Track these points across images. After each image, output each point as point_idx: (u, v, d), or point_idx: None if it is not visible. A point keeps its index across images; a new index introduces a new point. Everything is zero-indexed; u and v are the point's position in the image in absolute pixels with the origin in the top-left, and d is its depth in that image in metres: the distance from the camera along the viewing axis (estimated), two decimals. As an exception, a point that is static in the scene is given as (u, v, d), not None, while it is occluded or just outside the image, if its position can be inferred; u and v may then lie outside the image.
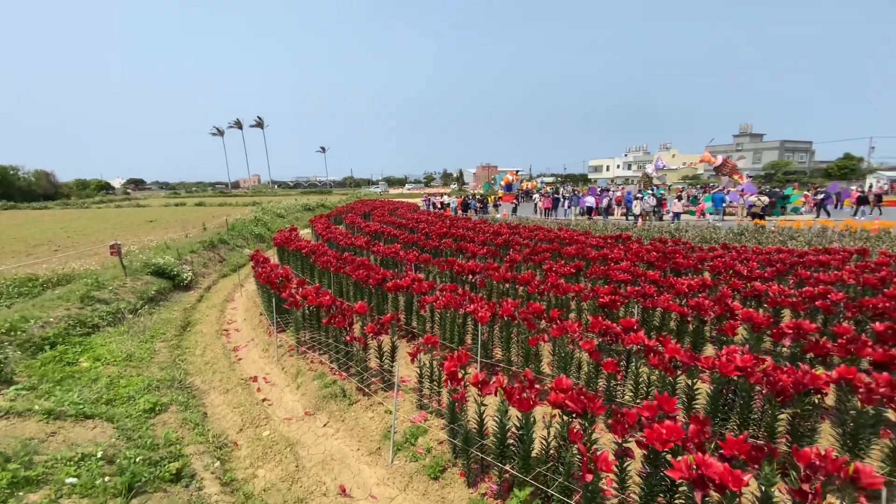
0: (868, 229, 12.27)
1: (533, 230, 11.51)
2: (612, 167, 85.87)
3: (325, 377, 4.95)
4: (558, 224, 15.20)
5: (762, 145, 68.57)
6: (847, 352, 3.48)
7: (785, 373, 2.91)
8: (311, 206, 29.92)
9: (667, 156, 69.34)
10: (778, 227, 13.07)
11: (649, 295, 4.85)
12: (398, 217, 17.81)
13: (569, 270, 6.59)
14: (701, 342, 4.69)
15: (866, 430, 2.88)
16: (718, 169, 25.04)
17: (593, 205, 21.09)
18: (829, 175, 52.32)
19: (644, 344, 3.51)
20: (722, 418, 3.17)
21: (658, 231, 13.04)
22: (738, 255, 7.33)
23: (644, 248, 8.18)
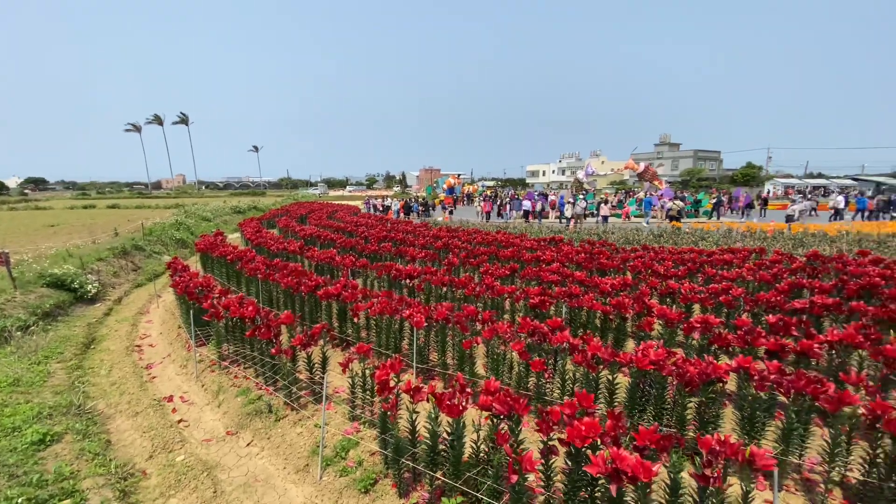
0: (766, 230, 13.83)
1: (472, 233, 11.68)
2: (548, 172, 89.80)
3: (249, 393, 4.63)
4: (497, 227, 15.57)
5: (679, 154, 75.12)
6: (745, 342, 3.84)
7: (692, 364, 3.14)
8: (241, 209, 28.22)
9: (596, 162, 73.80)
10: (691, 229, 14.34)
11: (575, 295, 5.07)
12: (337, 220, 17.30)
13: (504, 272, 6.74)
14: (623, 338, 4.99)
15: (762, 414, 3.19)
16: (641, 175, 27.06)
17: (529, 208, 21.92)
18: (735, 181, 58.46)
19: (569, 342, 3.64)
20: (640, 410, 3.36)
21: (587, 233, 13.77)
22: (655, 255, 7.92)
23: (574, 250, 8.58)
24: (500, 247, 9.53)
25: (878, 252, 9.48)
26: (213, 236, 10.62)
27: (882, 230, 13.74)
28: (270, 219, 18.65)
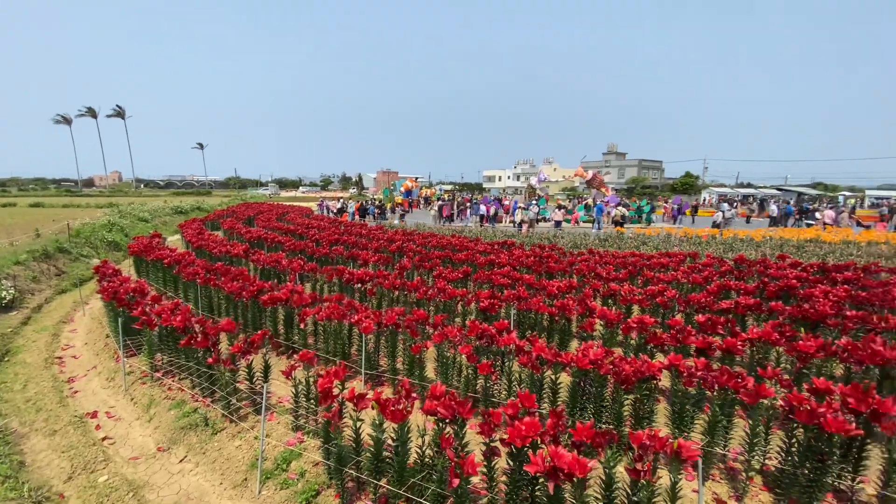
0: (700, 235, 14.84)
1: (427, 237, 11.68)
2: (504, 178, 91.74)
3: (184, 405, 4.35)
4: (453, 231, 15.67)
5: (625, 163, 79.21)
6: (677, 341, 4.09)
7: (628, 363, 3.30)
8: (183, 209, 26.61)
9: (549, 169, 76.26)
10: (634, 234, 15.13)
11: (523, 298, 5.19)
12: (287, 223, 16.72)
13: (457, 276, 6.78)
14: (568, 338, 5.16)
15: (691, 408, 3.40)
16: (589, 182, 28.26)
17: (484, 212, 22.31)
18: (675, 190, 62.42)
19: (516, 344, 3.71)
20: (581, 408, 3.48)
21: (539, 237, 14.18)
22: (600, 259, 8.27)
23: (525, 254, 8.79)
24: (455, 251, 9.59)
25: (797, 256, 10.44)
26: (150, 238, 9.92)
27: (801, 236, 15.15)
28: (215, 220, 17.72)
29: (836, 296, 5.48)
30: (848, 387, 2.87)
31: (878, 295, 5.56)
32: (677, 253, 8.99)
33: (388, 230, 13.93)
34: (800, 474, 2.87)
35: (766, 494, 3.06)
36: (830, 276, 6.88)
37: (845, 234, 15.97)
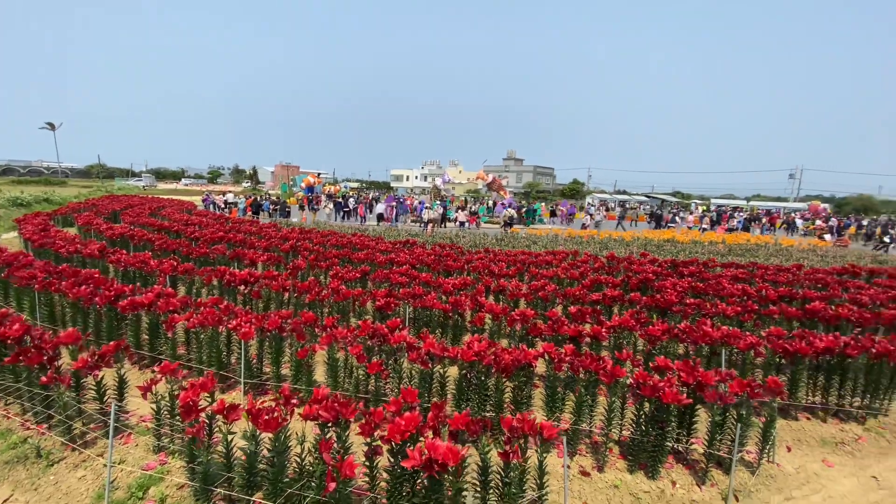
0: (582, 235, 16.48)
1: (326, 235, 11.23)
2: (412, 177, 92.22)
3: (10, 435, 3.60)
4: (355, 230, 15.30)
5: (522, 168, 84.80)
6: (553, 330, 4.47)
7: (508, 353, 3.52)
8: (24, 201, 22.10)
9: (454, 171, 78.56)
10: (527, 234, 16.28)
11: (419, 295, 5.26)
12: (162, 219, 14.81)
13: (354, 276, 6.62)
14: (461, 333, 5.36)
15: (562, 391, 3.74)
16: (490, 185, 29.74)
17: (383, 212, 22.18)
18: (564, 195, 68.53)
19: (406, 342, 3.74)
20: (466, 399, 3.62)
21: (441, 237, 14.52)
22: (494, 257, 8.74)
23: (426, 253, 8.93)
24: (355, 249, 9.36)
25: (656, 254, 12.13)
26: (-31, 235, 8.03)
27: (661, 237, 17.64)
28: (68, 214, 15.02)
29: (681, 287, 6.48)
30: (678, 363, 3.41)
31: (711, 285, 6.70)
32: (561, 251, 9.87)
33: (282, 228, 13.09)
34: (646, 441, 3.34)
35: (622, 462, 3.49)
36: (679, 271, 8.12)
37: (694, 235, 19.02)
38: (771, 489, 3.38)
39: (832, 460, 3.79)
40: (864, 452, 3.94)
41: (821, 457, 3.83)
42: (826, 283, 7.28)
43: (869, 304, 5.98)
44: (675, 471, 3.41)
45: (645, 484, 3.26)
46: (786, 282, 7.39)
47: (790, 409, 4.35)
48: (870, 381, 4.28)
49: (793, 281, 7.46)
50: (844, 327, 5.27)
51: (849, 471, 3.68)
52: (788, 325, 5.55)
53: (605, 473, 3.34)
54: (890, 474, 3.66)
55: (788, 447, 3.91)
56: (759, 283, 7.26)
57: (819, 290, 6.89)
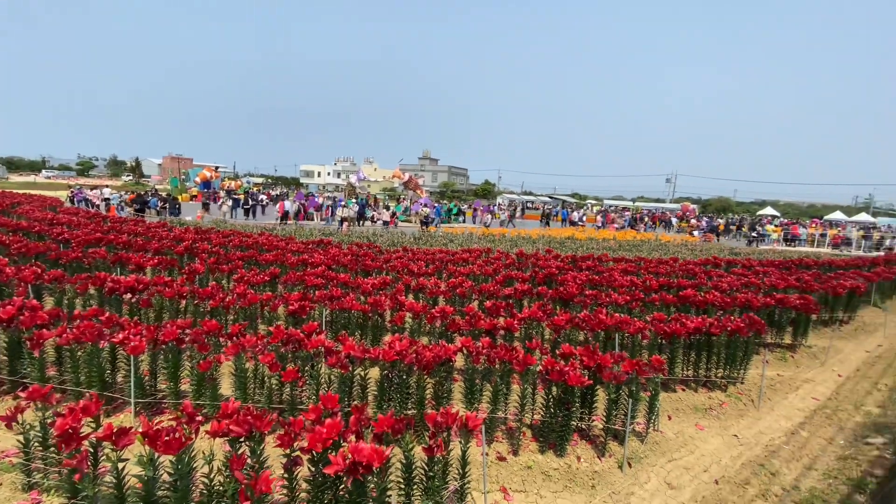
0: (495, 233, 17.26)
1: (227, 236, 10.35)
2: (324, 174, 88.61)
3: None
4: (262, 229, 14.30)
5: (437, 168, 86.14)
6: (470, 325, 4.65)
7: (429, 350, 3.59)
8: None
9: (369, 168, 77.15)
10: (444, 233, 16.62)
11: (336, 297, 5.11)
12: (19, 217, 12.46)
13: (262, 279, 6.21)
14: (381, 333, 5.32)
15: (480, 382, 3.91)
16: (406, 184, 29.76)
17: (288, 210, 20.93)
18: (477, 195, 71.04)
19: (324, 346, 3.63)
20: (388, 399, 3.62)
21: (358, 236, 14.20)
22: (413, 255, 8.80)
23: (342, 253, 8.67)
24: (262, 251, 8.77)
25: (559, 250, 13.15)
26: None
27: (563, 234, 19.15)
28: None
29: (580, 280, 7.12)
30: (580, 349, 3.77)
31: (605, 278, 7.46)
32: (476, 249, 10.26)
33: (174, 228, 11.77)
34: (554, 423, 3.64)
35: (534, 444, 3.75)
36: (578, 265, 8.91)
37: (590, 232, 20.95)
38: (656, 453, 3.89)
39: (703, 424, 4.47)
40: (727, 415, 4.71)
41: (694, 422, 4.50)
42: (695, 273, 8.53)
43: (727, 290, 7.13)
44: (579, 447, 3.76)
45: (554, 462, 3.55)
46: (665, 273, 8.51)
47: (670, 383, 5.03)
48: (729, 355, 5.13)
49: (670, 272, 8.61)
50: (710, 310, 6.22)
51: (715, 432, 4.37)
52: (667, 310, 6.40)
53: (519, 456, 3.57)
54: (746, 432, 4.42)
55: (669, 416, 4.53)
56: (644, 274, 8.26)
57: (690, 279, 8.04)
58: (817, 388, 5.58)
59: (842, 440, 4.40)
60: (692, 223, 27.36)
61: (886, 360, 6.86)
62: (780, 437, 4.37)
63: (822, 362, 6.44)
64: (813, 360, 6.51)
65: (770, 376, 5.66)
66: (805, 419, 4.77)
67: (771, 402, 5.08)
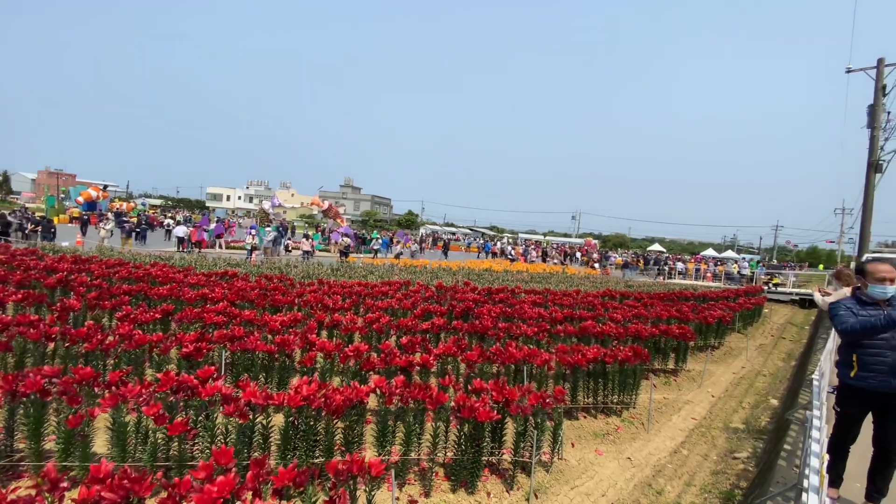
0: (416, 265, 17.37)
1: (113, 266, 9.18)
2: (234, 197, 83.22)
3: None
4: (155, 258, 12.89)
5: (360, 196, 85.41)
6: (385, 363, 4.60)
7: (339, 392, 3.48)
8: None
9: (286, 194, 74.13)
10: (364, 264, 16.37)
11: (238, 337, 4.76)
12: None
13: (152, 317, 5.58)
14: (289, 375, 5.02)
15: (393, 423, 3.84)
16: (325, 213, 29.00)
17: (183, 235, 19.14)
18: (401, 224, 71.34)
19: (221, 393, 3.34)
20: (293, 447, 3.41)
21: (269, 267, 13.41)
22: (329, 289, 8.52)
23: (249, 286, 8.12)
24: (154, 283, 7.90)
25: (477, 282, 13.59)
26: None
27: (481, 266, 19.87)
28: None
29: (494, 312, 7.42)
30: (491, 383, 3.91)
31: (517, 310, 7.86)
32: (396, 282, 10.24)
33: (45, 255, 10.17)
34: (465, 459, 3.68)
35: (446, 483, 3.75)
36: (493, 298, 9.29)
37: (505, 265, 21.99)
38: (560, 482, 4.09)
39: (602, 449, 4.82)
40: (622, 439, 5.13)
41: (594, 447, 4.83)
42: (594, 305, 9.33)
43: (621, 321, 7.89)
44: (489, 482, 3.83)
45: (465, 500, 3.57)
46: (569, 304, 9.19)
47: (573, 411, 5.37)
48: (622, 382, 5.64)
49: (573, 304, 9.33)
50: (607, 340, 6.82)
51: (612, 456, 4.72)
52: (570, 340, 6.90)
53: (431, 498, 3.54)
54: (638, 454, 4.84)
55: (573, 443, 4.81)
56: (551, 306, 8.85)
57: (590, 310, 8.77)
58: (696, 409, 6.33)
59: (715, 456, 5.01)
60: (594, 257, 30.10)
61: (748, 380, 8.03)
62: (665, 457, 4.85)
63: (699, 384, 7.34)
64: (692, 383, 7.39)
65: (657, 399, 6.30)
66: (685, 438, 5.37)
67: (658, 423, 5.64)
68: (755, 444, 5.24)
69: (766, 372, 8.63)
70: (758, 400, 6.95)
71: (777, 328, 13.89)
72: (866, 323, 2.91)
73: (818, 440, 2.98)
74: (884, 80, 12.59)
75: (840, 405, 3.23)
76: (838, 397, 3.27)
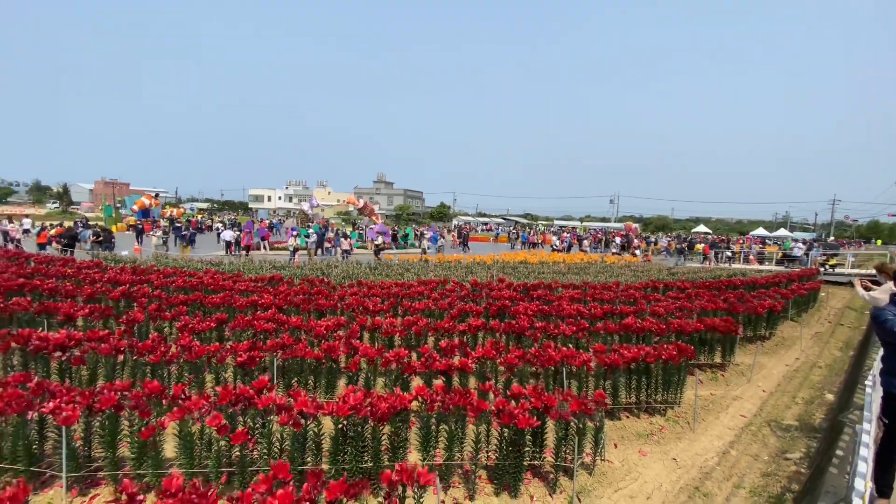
0: (450, 260, 17.49)
1: (171, 276, 9.84)
2: (274, 198, 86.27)
3: None
4: (206, 264, 13.67)
5: (393, 191, 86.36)
6: (425, 367, 4.74)
7: (384, 400, 3.63)
8: None
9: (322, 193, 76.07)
10: (399, 261, 16.66)
11: (288, 345, 5.03)
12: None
13: (208, 326, 5.97)
14: (336, 377, 5.27)
15: (436, 427, 3.97)
16: (361, 210, 29.65)
17: (231, 239, 19.74)
18: (433, 217, 71.69)
19: (276, 403, 3.57)
20: (344, 452, 3.61)
21: (311, 269, 13.92)
22: (368, 290, 8.78)
23: (293, 291, 8.49)
24: (208, 292, 8.42)
25: (513, 276, 13.54)
26: None
27: (516, 258, 19.73)
28: None
29: (531, 310, 7.41)
30: (529, 389, 3.95)
31: (555, 307, 7.81)
32: (431, 280, 10.39)
33: (109, 267, 11.03)
34: (507, 464, 3.76)
35: (489, 486, 3.85)
36: (529, 294, 9.26)
37: (541, 255, 21.72)
38: (604, 484, 4.10)
39: (646, 449, 4.76)
40: (667, 439, 5.05)
41: (638, 448, 4.78)
42: (635, 298, 9.11)
43: (663, 314, 7.68)
44: (532, 485, 3.90)
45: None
46: (609, 299, 9.02)
47: (615, 411, 5.32)
48: (665, 380, 5.52)
49: (613, 298, 9.14)
50: (649, 336, 6.67)
51: (657, 457, 4.66)
52: (611, 337, 6.80)
53: (475, 501, 3.65)
54: (684, 455, 4.75)
55: (616, 444, 4.79)
56: (589, 301, 8.72)
57: (631, 304, 8.58)
58: (745, 405, 6.11)
59: (766, 456, 4.84)
60: (634, 243, 29.11)
61: (802, 373, 7.63)
62: (713, 458, 4.73)
63: (748, 379, 7.06)
64: (740, 378, 7.11)
65: (704, 396, 6.13)
66: (734, 438, 5.21)
67: (705, 422, 5.50)
68: (808, 444, 5.02)
69: (821, 363, 8.17)
70: (813, 395, 6.61)
71: (835, 314, 13.04)
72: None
73: (865, 458, 2.84)
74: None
75: (887, 416, 3.07)
76: (884, 408, 3.10)
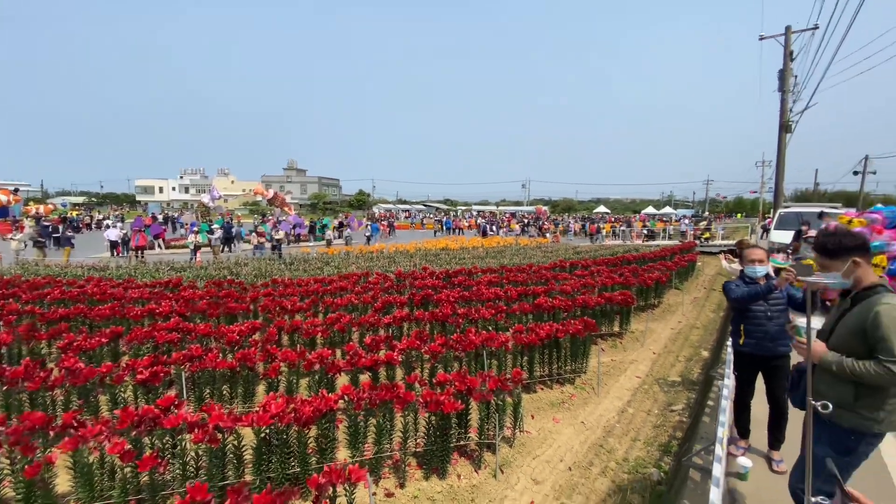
0: (373, 250, 17.27)
1: (43, 286, 8.50)
2: (167, 189, 77.62)
3: None
4: (89, 271, 12.00)
5: (306, 179, 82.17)
6: (351, 365, 4.72)
7: (307, 403, 3.58)
8: None
9: (225, 181, 70.00)
10: (318, 254, 16.07)
11: (196, 356, 4.69)
12: None
13: (98, 342, 5.32)
14: (255, 384, 5.03)
15: (364, 423, 4.01)
16: (271, 201, 27.88)
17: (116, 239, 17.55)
18: (352, 206, 69.75)
19: (187, 421, 3.35)
20: (268, 461, 3.51)
21: (217, 268, 12.88)
22: (284, 289, 8.40)
23: (197, 295, 7.84)
24: (94, 302, 7.44)
25: (434, 263, 13.78)
26: None
27: (437, 246, 20.06)
28: None
29: (453, 297, 7.67)
30: (454, 374, 4.16)
31: (475, 292, 8.16)
32: (353, 274, 10.22)
33: (-39, 282, 9.19)
34: (435, 449, 3.94)
35: (419, 472, 4.01)
36: (451, 281, 9.55)
37: (461, 241, 22.32)
38: (523, 454, 4.48)
39: (558, 416, 5.26)
40: (576, 405, 5.61)
41: (551, 416, 5.27)
42: (546, 278, 9.84)
43: (571, 292, 8.41)
44: (459, 464, 4.14)
45: (438, 485, 3.85)
46: (523, 280, 9.64)
47: (531, 385, 5.78)
48: (573, 352, 6.11)
49: (527, 279, 9.78)
50: (558, 313, 7.29)
51: (568, 422, 5.18)
52: (526, 317, 7.31)
53: (406, 488, 3.79)
54: (590, 417, 5.33)
55: (532, 415, 5.22)
56: (506, 284, 9.24)
57: (542, 284, 9.25)
58: (639, 367, 6.98)
59: (656, 410, 5.62)
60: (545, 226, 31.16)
61: (684, 334, 8.88)
62: (613, 417, 5.38)
63: (642, 343, 8.05)
64: (636, 343, 8.09)
65: (606, 362, 6.89)
66: (631, 397, 5.95)
67: (607, 386, 6.20)
68: (689, 396, 5.92)
69: (699, 324, 9.57)
70: (692, 353, 7.75)
71: (709, 280, 15.25)
72: (751, 291, 3.53)
73: (724, 409, 3.48)
74: (791, 46, 13.68)
75: (736, 369, 3.84)
76: (734, 362, 3.88)
